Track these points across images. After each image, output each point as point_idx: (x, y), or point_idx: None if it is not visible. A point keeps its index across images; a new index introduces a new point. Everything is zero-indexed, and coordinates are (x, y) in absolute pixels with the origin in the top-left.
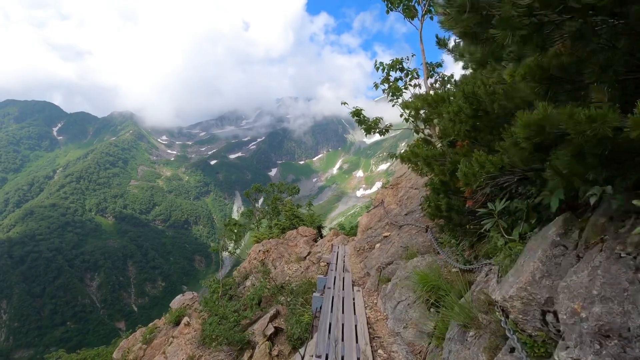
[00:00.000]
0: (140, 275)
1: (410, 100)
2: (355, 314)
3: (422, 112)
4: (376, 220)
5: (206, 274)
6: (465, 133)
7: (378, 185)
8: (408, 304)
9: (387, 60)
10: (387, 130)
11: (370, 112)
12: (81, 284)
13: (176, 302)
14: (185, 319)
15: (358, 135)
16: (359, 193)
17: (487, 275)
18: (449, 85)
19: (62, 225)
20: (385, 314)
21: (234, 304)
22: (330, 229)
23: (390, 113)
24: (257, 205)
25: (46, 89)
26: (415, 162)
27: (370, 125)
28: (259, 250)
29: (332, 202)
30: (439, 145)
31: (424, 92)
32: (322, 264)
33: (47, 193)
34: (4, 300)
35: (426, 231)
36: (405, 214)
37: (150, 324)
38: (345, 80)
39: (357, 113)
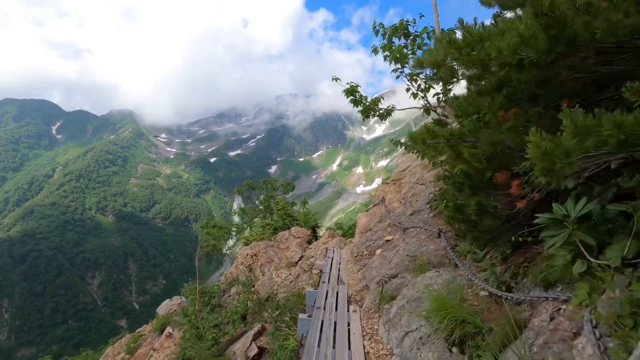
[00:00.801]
0: (141, 273)
1: (422, 57)
2: (349, 348)
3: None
4: (376, 220)
5: (207, 272)
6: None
7: (378, 181)
8: (420, 338)
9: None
10: (388, 114)
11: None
12: (82, 282)
13: (163, 308)
14: (168, 330)
15: (357, 132)
16: (359, 189)
17: (552, 318)
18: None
19: (63, 223)
20: (389, 346)
21: (215, 317)
22: (327, 228)
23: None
24: (250, 203)
25: (45, 87)
26: (433, 146)
27: (369, 107)
28: (247, 254)
29: (332, 199)
30: (456, 125)
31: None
32: (314, 271)
33: (47, 192)
34: (6, 299)
35: (439, 236)
36: (411, 214)
37: (139, 329)
38: (344, 76)
39: (351, 91)
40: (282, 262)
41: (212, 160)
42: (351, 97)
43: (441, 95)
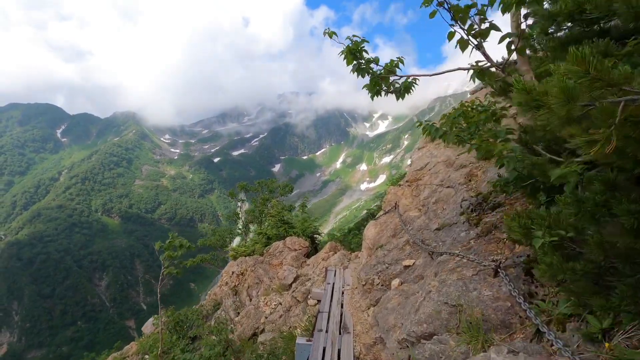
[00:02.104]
0: (148, 273)
1: None
2: None
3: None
4: (389, 234)
5: (212, 272)
6: None
7: (382, 178)
8: None
9: (388, 53)
10: (407, 90)
11: (372, 106)
12: (90, 284)
13: (149, 326)
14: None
15: (361, 129)
16: (363, 186)
17: None
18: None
19: (69, 226)
20: None
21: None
22: (328, 235)
23: (394, 105)
24: (244, 207)
25: (48, 91)
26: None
27: (381, 74)
28: (232, 273)
29: (337, 197)
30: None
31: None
32: (310, 302)
33: (54, 195)
34: (15, 302)
35: (496, 274)
36: (437, 229)
37: (126, 347)
38: (346, 73)
39: (354, 51)
40: (273, 283)
41: (216, 160)
42: (354, 63)
43: (515, 41)
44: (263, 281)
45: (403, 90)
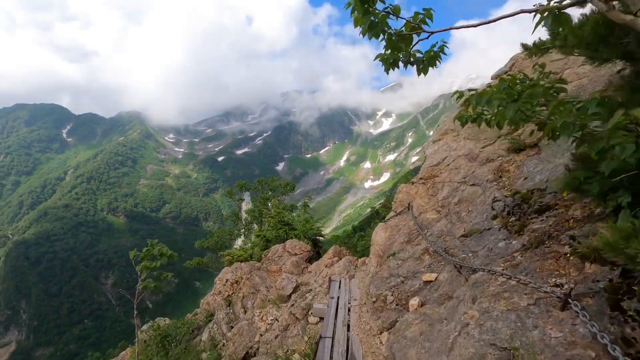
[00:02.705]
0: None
1: None
2: None
3: None
4: (402, 239)
5: (218, 270)
6: None
7: (386, 176)
8: None
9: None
10: (435, 58)
11: (376, 103)
12: (96, 282)
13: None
14: None
15: (364, 127)
16: (367, 184)
17: None
18: None
19: (76, 225)
20: None
21: None
22: (331, 235)
23: (396, 103)
24: (242, 207)
25: (54, 91)
26: None
27: (402, 34)
28: (226, 280)
29: (341, 195)
30: None
31: None
32: (311, 319)
33: (60, 194)
34: (23, 300)
35: (564, 306)
36: (464, 236)
37: (122, 353)
38: (349, 71)
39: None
40: (271, 293)
41: (220, 159)
42: (363, 21)
43: None
44: (259, 290)
45: (428, 61)
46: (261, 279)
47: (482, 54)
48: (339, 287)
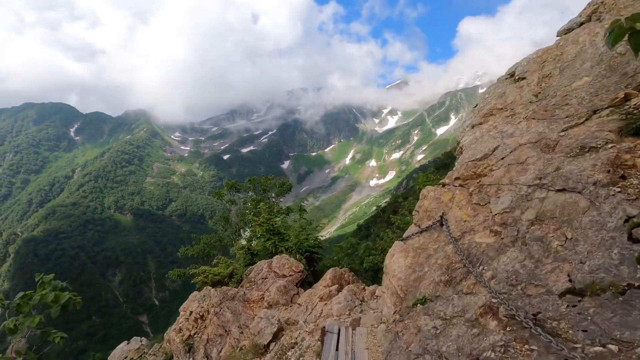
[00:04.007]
0: (160, 269)
1: None
2: None
3: None
4: (437, 275)
5: None
6: None
7: (391, 174)
8: None
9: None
10: None
11: (381, 101)
12: (104, 279)
13: (117, 355)
14: None
15: (370, 124)
16: (372, 182)
17: None
18: None
19: (83, 223)
20: None
21: None
22: (333, 253)
23: (402, 101)
24: (234, 210)
25: (62, 90)
26: None
27: None
28: (190, 313)
29: (346, 193)
30: None
31: None
32: None
33: (68, 192)
34: None
35: None
36: (573, 293)
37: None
38: (355, 68)
39: None
40: (243, 339)
41: (226, 157)
42: None
43: None
44: (230, 332)
45: None
46: (234, 314)
47: (488, 50)
48: (337, 344)
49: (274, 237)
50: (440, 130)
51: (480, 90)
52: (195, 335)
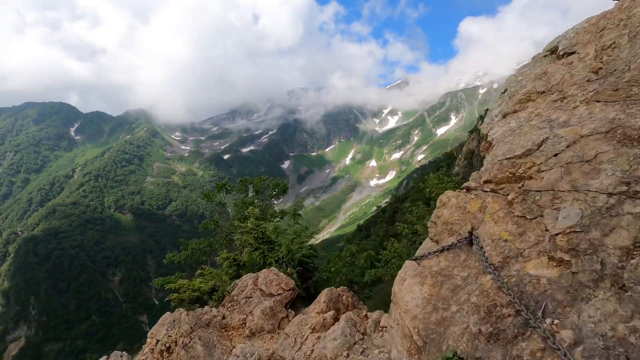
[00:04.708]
0: (160, 269)
1: None
2: None
3: None
4: (470, 313)
5: None
6: None
7: (392, 174)
8: None
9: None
10: None
11: (382, 101)
12: (104, 279)
13: None
14: None
15: (370, 125)
16: (373, 183)
17: None
18: None
19: (83, 222)
20: None
21: None
22: (331, 261)
23: (402, 101)
24: (224, 213)
25: (62, 89)
26: None
27: None
28: (157, 343)
29: (346, 193)
30: None
31: None
32: None
33: (68, 192)
34: (32, 296)
35: None
36: None
37: None
38: (356, 68)
39: None
40: None
41: (226, 157)
42: None
43: None
44: None
45: None
46: (206, 347)
47: (489, 50)
48: None
49: (262, 246)
50: (441, 131)
51: (481, 91)
52: None
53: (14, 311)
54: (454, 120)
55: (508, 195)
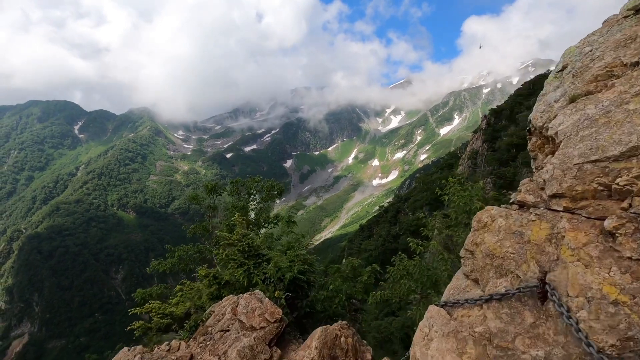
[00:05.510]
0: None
1: None
2: None
3: None
4: None
5: None
6: None
7: (394, 173)
8: None
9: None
10: None
11: (385, 100)
12: (106, 276)
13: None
14: None
15: (373, 124)
16: (375, 182)
17: None
18: None
19: (87, 220)
20: None
21: None
22: (329, 279)
23: (405, 100)
24: (214, 216)
25: (66, 87)
26: None
27: None
28: None
29: (349, 192)
30: None
31: None
32: None
33: (71, 190)
34: (36, 293)
35: None
36: None
37: None
38: (359, 67)
39: None
40: None
41: (229, 155)
42: None
43: None
44: None
45: None
46: None
47: (493, 50)
48: None
49: (248, 261)
50: (444, 130)
51: (485, 90)
52: None
53: (18, 308)
54: (457, 120)
55: (602, 220)
